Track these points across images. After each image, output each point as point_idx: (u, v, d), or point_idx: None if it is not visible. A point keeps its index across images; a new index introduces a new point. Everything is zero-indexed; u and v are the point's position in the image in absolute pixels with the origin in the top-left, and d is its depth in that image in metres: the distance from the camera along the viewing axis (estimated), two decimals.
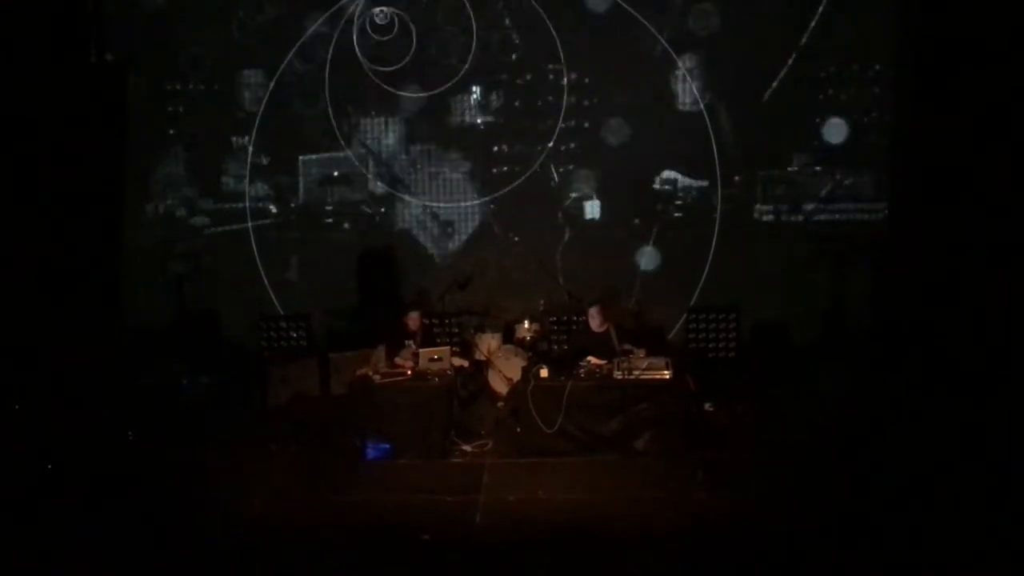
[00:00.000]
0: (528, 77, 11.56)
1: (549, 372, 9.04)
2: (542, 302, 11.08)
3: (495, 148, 11.72)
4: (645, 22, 11.29)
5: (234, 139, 11.81)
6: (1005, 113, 8.98)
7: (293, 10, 11.57)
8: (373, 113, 11.71)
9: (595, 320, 9.50)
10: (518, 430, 8.88)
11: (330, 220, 11.93)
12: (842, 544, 6.84)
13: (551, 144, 11.58)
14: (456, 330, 10.88)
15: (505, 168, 11.71)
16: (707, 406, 9.50)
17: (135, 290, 11.49)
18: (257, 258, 11.83)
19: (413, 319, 9.77)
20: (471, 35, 11.43)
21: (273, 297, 11.80)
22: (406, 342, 9.60)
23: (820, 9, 11.19)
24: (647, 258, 11.38)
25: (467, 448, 9.05)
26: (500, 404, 9.49)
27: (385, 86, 11.50)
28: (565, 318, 10.91)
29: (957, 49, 9.35)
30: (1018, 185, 8.90)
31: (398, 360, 9.42)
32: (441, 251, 11.91)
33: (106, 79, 10.88)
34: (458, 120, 11.71)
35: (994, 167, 9.06)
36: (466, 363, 9.89)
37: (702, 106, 11.43)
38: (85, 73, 10.62)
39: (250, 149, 11.79)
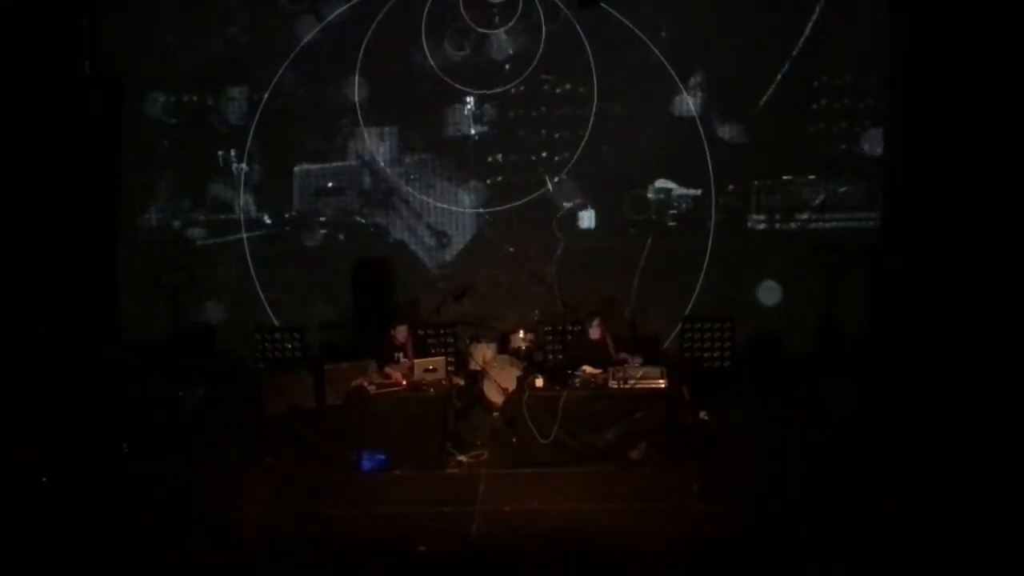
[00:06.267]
0: (521, 87, 11.59)
1: (544, 382, 9.04)
2: (537, 312, 11.09)
3: (489, 159, 11.74)
4: (639, 32, 11.33)
5: (228, 151, 11.81)
6: (997, 122, 9.02)
7: (287, 22, 11.60)
8: (368, 123, 11.74)
9: (596, 330, 9.51)
10: (513, 440, 8.87)
11: (325, 231, 11.94)
12: (837, 553, 6.84)
13: (544, 155, 11.61)
14: (451, 340, 10.89)
15: (500, 178, 11.74)
16: (702, 415, 9.50)
17: (130, 302, 11.50)
18: (252, 269, 11.82)
19: (401, 332, 9.74)
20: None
21: (268, 308, 11.80)
22: (396, 355, 9.58)
23: (813, 18, 11.23)
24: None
25: (462, 459, 9.04)
26: (495, 414, 9.48)
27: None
28: (560, 328, 10.93)
29: (949, 59, 9.40)
30: (1011, 193, 8.94)
31: (387, 370, 9.40)
32: (436, 262, 11.91)
33: (100, 91, 10.90)
34: (452, 130, 11.73)
35: (986, 176, 9.09)
36: (461, 382, 9.88)
37: (696, 115, 11.46)
38: (79, 85, 10.64)
39: (244, 160, 11.79)
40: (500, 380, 9.91)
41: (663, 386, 8.82)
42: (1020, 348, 8.58)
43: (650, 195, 11.67)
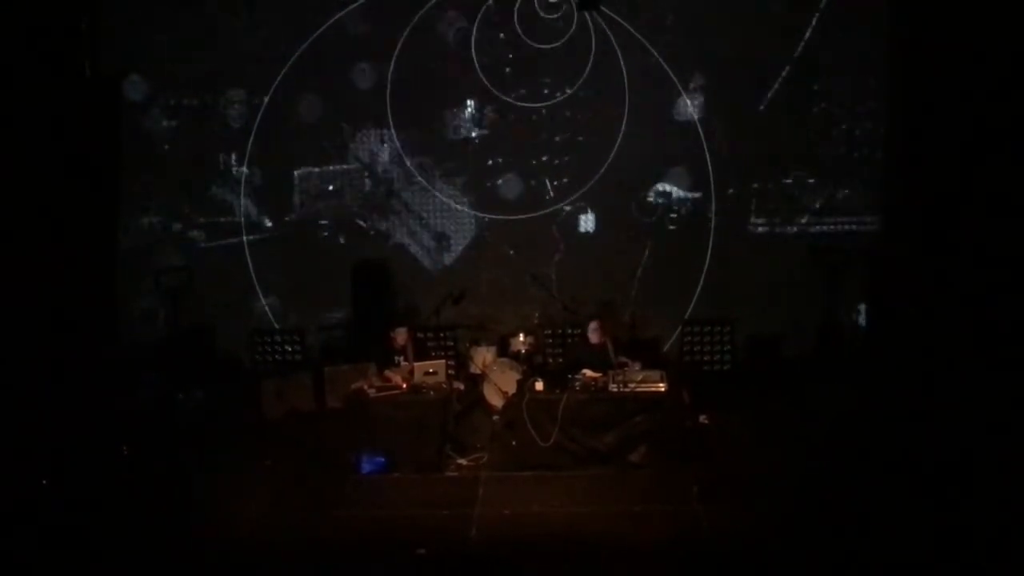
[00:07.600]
0: (522, 91, 11.58)
1: (544, 385, 9.03)
2: (537, 315, 11.08)
3: (490, 162, 11.74)
4: (639, 36, 11.33)
5: (229, 153, 11.81)
6: (998, 125, 9.01)
7: (287, 25, 11.59)
8: (368, 126, 11.74)
9: (595, 334, 9.51)
10: (513, 443, 8.86)
11: (325, 234, 11.93)
12: (837, 556, 6.84)
13: (544, 158, 11.62)
14: (451, 343, 10.88)
15: (500, 181, 11.73)
16: (702, 418, 9.50)
17: (130, 304, 11.50)
18: (252, 272, 11.82)
19: (400, 335, 9.71)
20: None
21: (268, 311, 11.80)
22: (396, 358, 9.57)
23: (814, 21, 11.24)
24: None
25: (462, 461, 9.03)
26: (495, 417, 9.48)
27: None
28: (560, 331, 10.92)
29: (950, 61, 9.39)
30: (1012, 197, 8.93)
31: (387, 374, 9.40)
32: (436, 264, 11.91)
33: (100, 93, 10.89)
34: (453, 134, 11.72)
35: (987, 179, 9.08)
36: (461, 386, 9.87)
37: (696, 119, 11.46)
38: (79, 87, 10.63)
39: (244, 163, 11.79)
40: (500, 383, 9.91)
41: (663, 389, 8.81)
42: (1020, 350, 8.57)
43: (650, 198, 11.66)
